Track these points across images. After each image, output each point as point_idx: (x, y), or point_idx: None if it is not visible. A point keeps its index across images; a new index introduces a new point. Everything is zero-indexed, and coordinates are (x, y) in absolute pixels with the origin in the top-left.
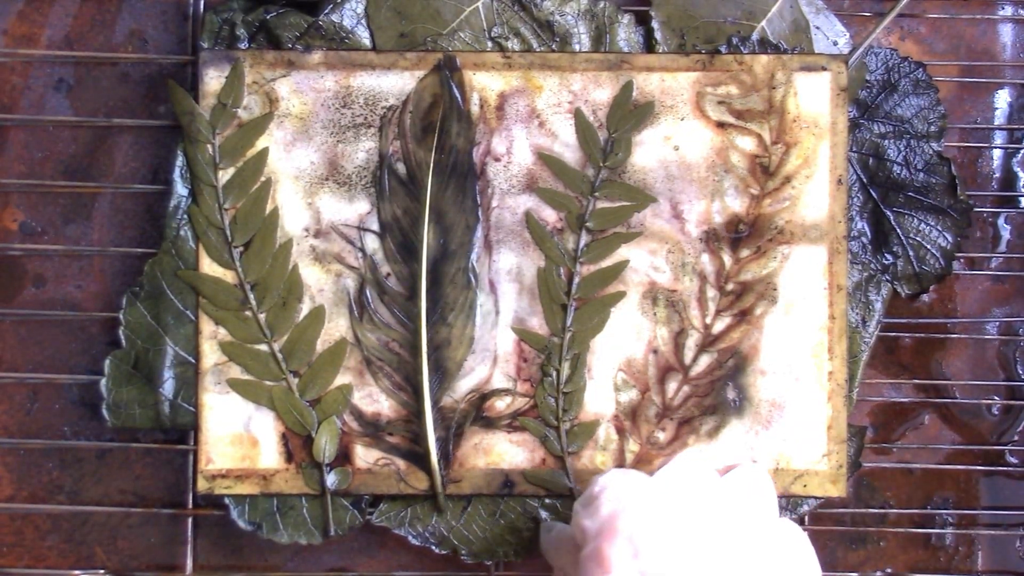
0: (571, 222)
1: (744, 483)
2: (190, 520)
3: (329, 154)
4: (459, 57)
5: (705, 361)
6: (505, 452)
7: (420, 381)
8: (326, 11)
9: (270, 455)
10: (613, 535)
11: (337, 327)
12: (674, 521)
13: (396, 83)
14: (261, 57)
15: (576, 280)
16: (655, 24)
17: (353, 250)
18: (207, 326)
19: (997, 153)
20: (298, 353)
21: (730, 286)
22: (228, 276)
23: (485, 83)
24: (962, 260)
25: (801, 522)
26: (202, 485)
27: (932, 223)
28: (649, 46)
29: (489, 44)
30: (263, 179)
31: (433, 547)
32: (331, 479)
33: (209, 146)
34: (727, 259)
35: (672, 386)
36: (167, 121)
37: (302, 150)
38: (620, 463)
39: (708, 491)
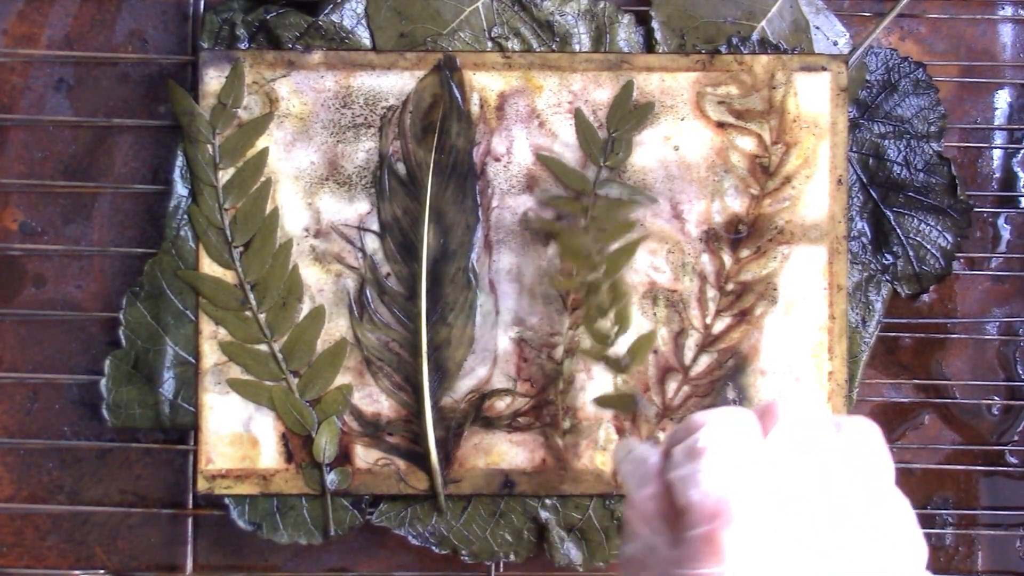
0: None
1: (861, 445)
2: (190, 520)
3: (329, 154)
4: (459, 57)
5: (705, 361)
6: (505, 452)
7: (420, 381)
8: (326, 11)
9: (270, 455)
10: (728, 521)
11: (337, 327)
12: (797, 499)
13: (396, 83)
14: (261, 57)
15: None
16: (655, 24)
17: (353, 250)
18: (207, 326)
19: (997, 153)
20: (298, 353)
21: (730, 286)
22: (228, 276)
23: (485, 83)
24: (962, 260)
25: None
26: (202, 485)
27: (932, 223)
28: (649, 46)
29: (489, 44)
30: (263, 179)
31: (433, 547)
32: (331, 479)
33: (209, 146)
34: (727, 259)
35: (672, 386)
36: (167, 121)
37: (302, 150)
38: None
39: (828, 454)
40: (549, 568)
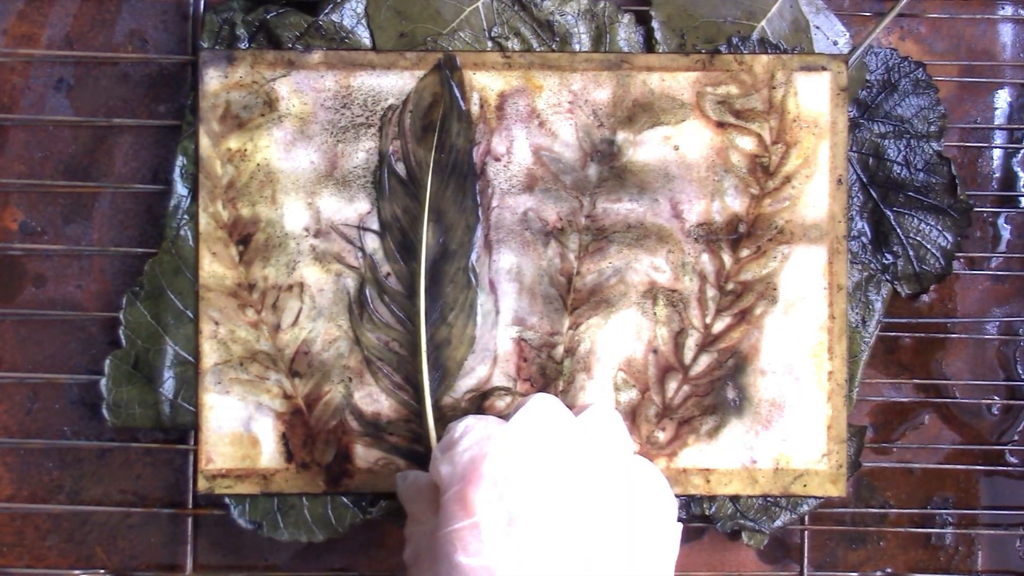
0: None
1: (598, 422)
2: (190, 520)
3: (329, 154)
4: (459, 57)
5: (705, 361)
6: None
7: (420, 381)
8: (326, 11)
9: (270, 455)
10: (478, 479)
11: (337, 327)
12: (536, 462)
13: (396, 83)
14: (261, 57)
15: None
16: (655, 24)
17: (353, 250)
18: (207, 326)
19: (997, 153)
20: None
21: (730, 286)
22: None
23: (485, 83)
24: (962, 260)
25: (801, 522)
26: (202, 485)
27: (932, 223)
28: (649, 46)
29: (489, 44)
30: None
31: None
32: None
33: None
34: (727, 259)
35: (672, 386)
36: (167, 121)
37: (302, 150)
38: None
39: (565, 431)
40: None
